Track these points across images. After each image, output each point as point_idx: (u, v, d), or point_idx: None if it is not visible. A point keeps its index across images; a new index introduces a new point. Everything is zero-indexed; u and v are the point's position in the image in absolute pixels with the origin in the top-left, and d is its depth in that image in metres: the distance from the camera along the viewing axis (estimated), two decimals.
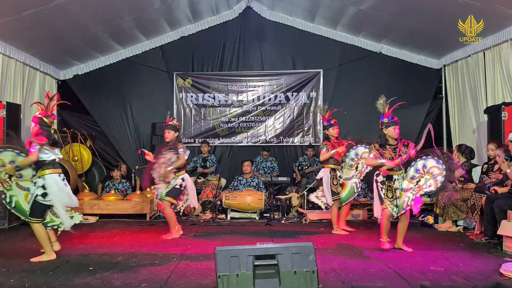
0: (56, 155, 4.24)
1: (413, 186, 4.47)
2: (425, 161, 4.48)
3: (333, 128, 5.60)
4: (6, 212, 5.85)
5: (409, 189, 4.48)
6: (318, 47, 8.72)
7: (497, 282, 3.33)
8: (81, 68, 8.69)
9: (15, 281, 3.41)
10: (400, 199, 4.50)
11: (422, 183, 4.46)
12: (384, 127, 4.57)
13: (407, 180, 4.51)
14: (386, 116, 4.57)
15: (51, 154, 4.18)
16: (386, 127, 4.55)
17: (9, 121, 6.14)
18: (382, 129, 4.60)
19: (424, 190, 4.49)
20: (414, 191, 4.47)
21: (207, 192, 7.18)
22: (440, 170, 4.40)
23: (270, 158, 8.43)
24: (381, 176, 4.58)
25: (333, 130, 5.60)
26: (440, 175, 4.40)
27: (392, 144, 4.57)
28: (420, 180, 4.48)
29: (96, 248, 4.65)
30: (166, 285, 3.31)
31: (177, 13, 8.02)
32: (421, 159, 4.52)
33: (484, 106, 6.76)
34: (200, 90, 8.90)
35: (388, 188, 4.53)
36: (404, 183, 4.52)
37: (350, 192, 5.59)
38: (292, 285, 2.96)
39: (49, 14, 6.14)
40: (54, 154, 4.21)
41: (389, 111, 4.60)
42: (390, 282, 3.38)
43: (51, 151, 4.19)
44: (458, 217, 5.69)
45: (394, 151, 4.53)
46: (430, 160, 4.47)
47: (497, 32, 6.32)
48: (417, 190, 4.47)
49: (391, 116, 4.57)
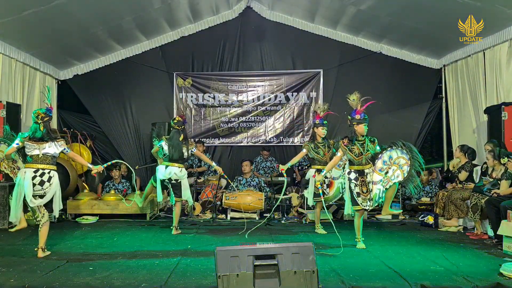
0: (41, 151, 4.25)
1: (382, 178, 4.62)
2: (390, 152, 4.68)
3: (323, 127, 5.64)
4: (6, 212, 5.85)
5: (378, 181, 4.62)
6: (318, 47, 8.72)
7: (497, 282, 3.33)
8: (81, 68, 8.69)
9: (15, 281, 3.41)
10: (373, 192, 4.63)
11: (390, 174, 4.62)
12: (355, 123, 4.64)
13: (376, 172, 4.67)
14: (359, 113, 4.63)
15: (33, 149, 4.25)
16: (358, 124, 4.63)
17: (9, 121, 6.14)
18: (353, 125, 4.67)
19: (393, 181, 4.62)
20: (384, 183, 4.61)
21: (207, 192, 7.18)
22: (405, 160, 4.58)
23: (270, 158, 8.43)
24: (353, 173, 4.67)
25: (322, 129, 5.64)
26: (405, 165, 4.58)
27: (360, 140, 4.66)
28: (388, 172, 4.64)
29: (96, 248, 4.66)
30: (166, 285, 3.31)
31: (177, 13, 8.01)
32: (386, 150, 4.71)
33: (484, 106, 6.76)
34: (200, 90, 8.90)
35: (362, 183, 4.62)
36: (374, 176, 4.66)
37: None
38: (292, 285, 2.96)
39: (49, 14, 6.14)
40: (39, 149, 4.25)
41: (361, 109, 4.66)
42: (390, 282, 3.38)
43: (35, 146, 4.25)
44: (459, 215, 5.69)
45: (362, 146, 4.63)
46: (394, 151, 4.67)
47: (497, 32, 6.33)
48: (387, 182, 4.61)
49: (363, 113, 4.64)
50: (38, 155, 4.25)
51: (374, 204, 4.66)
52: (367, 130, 4.66)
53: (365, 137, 4.66)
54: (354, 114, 4.66)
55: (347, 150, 4.65)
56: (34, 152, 4.25)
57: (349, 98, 4.72)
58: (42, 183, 4.25)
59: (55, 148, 4.33)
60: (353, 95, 4.72)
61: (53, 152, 4.32)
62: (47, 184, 4.27)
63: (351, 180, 4.67)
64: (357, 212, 4.70)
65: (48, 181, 4.28)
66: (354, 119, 4.64)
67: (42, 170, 4.26)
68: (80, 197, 6.89)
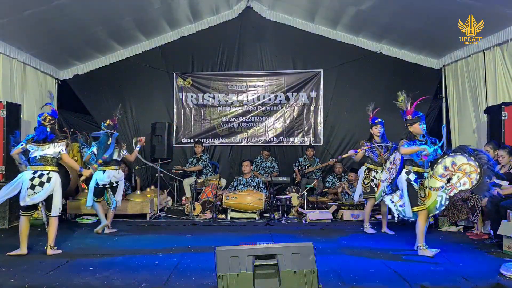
0: (40, 152, 4.30)
1: (444, 185, 4.29)
2: (454, 158, 4.30)
3: (376, 126, 5.55)
4: (6, 212, 5.86)
5: (440, 188, 4.30)
6: (318, 47, 8.72)
7: (497, 282, 3.33)
8: (81, 68, 8.69)
9: (15, 281, 3.41)
10: (429, 199, 4.33)
11: (455, 181, 4.24)
12: (408, 124, 4.41)
13: (434, 178, 4.34)
14: (409, 113, 4.41)
15: (34, 151, 4.31)
16: (411, 124, 4.39)
17: (9, 121, 6.14)
18: (407, 127, 4.43)
19: (459, 189, 4.26)
20: (447, 190, 4.28)
21: (207, 192, 7.18)
22: (474, 168, 4.19)
23: (270, 158, 8.44)
24: (413, 174, 4.35)
25: (376, 128, 5.56)
26: (474, 173, 4.18)
27: (421, 141, 4.37)
28: (452, 178, 4.26)
29: (96, 248, 4.66)
30: (166, 285, 3.31)
31: (177, 13, 8.02)
32: (448, 156, 4.35)
33: (484, 106, 6.76)
34: (200, 90, 8.91)
35: (421, 186, 4.34)
36: (432, 182, 4.35)
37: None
38: (292, 285, 2.96)
39: (49, 14, 6.14)
40: (38, 151, 4.30)
41: (411, 108, 4.43)
42: (390, 282, 3.38)
43: (36, 148, 4.30)
44: (458, 218, 5.68)
45: None
46: (459, 157, 4.29)
47: (497, 32, 6.33)
48: (451, 189, 4.27)
49: (415, 112, 4.41)
50: (36, 157, 4.30)
51: (434, 212, 4.35)
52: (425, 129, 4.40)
53: (426, 138, 4.41)
54: (405, 115, 4.45)
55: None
56: (35, 153, 4.30)
57: (398, 100, 4.50)
58: (42, 184, 4.27)
59: (54, 149, 4.35)
60: (400, 95, 4.50)
61: (52, 153, 4.35)
62: (47, 185, 4.28)
63: (411, 180, 4.33)
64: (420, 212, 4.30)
65: (48, 182, 4.29)
66: (407, 121, 4.43)
67: (41, 171, 4.29)
68: (80, 197, 6.87)
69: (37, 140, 4.32)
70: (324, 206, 7.05)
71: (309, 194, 7.53)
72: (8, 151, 5.29)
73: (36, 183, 4.24)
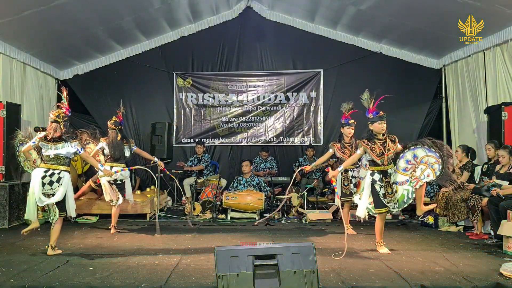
0: (53, 151, 4.29)
1: (409, 178, 4.43)
2: (414, 151, 4.47)
3: (350, 127, 5.51)
4: (6, 212, 5.86)
5: (405, 181, 4.43)
6: (318, 47, 8.73)
7: (497, 282, 3.33)
8: (81, 68, 8.70)
9: (15, 281, 3.41)
10: (398, 193, 4.44)
11: (419, 174, 4.42)
12: (369, 122, 4.49)
13: (399, 172, 4.48)
14: (371, 111, 4.50)
15: (47, 149, 4.30)
16: (372, 123, 4.47)
17: (9, 121, 6.14)
18: (368, 125, 4.52)
19: (423, 181, 4.43)
20: (412, 183, 4.42)
21: (207, 192, 7.18)
22: (435, 158, 4.37)
23: (269, 158, 8.43)
24: (377, 174, 4.45)
25: (349, 129, 5.51)
26: (436, 163, 4.37)
27: (381, 139, 4.47)
28: (416, 171, 4.43)
29: (96, 248, 4.65)
30: (166, 285, 3.31)
31: (177, 13, 8.02)
32: (409, 149, 4.50)
33: (484, 106, 6.76)
34: (200, 90, 8.91)
35: (386, 184, 4.43)
36: (397, 177, 4.47)
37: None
38: (292, 285, 2.96)
39: (49, 14, 6.14)
40: (51, 149, 4.29)
41: (373, 106, 4.52)
42: (390, 282, 3.38)
43: (49, 146, 4.29)
44: (458, 218, 5.68)
45: (383, 146, 4.43)
46: (419, 150, 4.47)
47: (497, 32, 6.33)
48: (416, 182, 4.42)
49: (376, 111, 4.49)
50: (49, 156, 4.30)
51: (402, 206, 4.45)
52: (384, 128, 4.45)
53: (385, 136, 4.48)
54: (367, 114, 4.52)
55: (368, 149, 4.41)
56: (48, 152, 4.30)
57: (362, 98, 4.57)
58: (51, 183, 4.28)
59: (68, 149, 4.34)
60: (364, 94, 4.57)
61: (65, 153, 4.34)
62: (56, 185, 4.29)
63: (376, 181, 4.43)
64: (380, 215, 4.45)
65: (58, 182, 4.29)
66: (368, 119, 4.50)
67: (53, 170, 4.30)
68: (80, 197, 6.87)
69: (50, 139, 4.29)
70: (324, 206, 7.05)
71: (309, 194, 7.53)
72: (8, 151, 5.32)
73: (47, 181, 4.26)
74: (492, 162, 5.64)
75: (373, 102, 4.52)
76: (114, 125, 5.60)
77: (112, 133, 5.56)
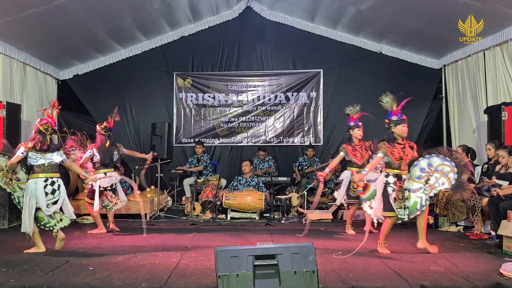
0: (46, 160, 4.36)
1: (423, 186, 4.37)
2: (429, 160, 4.39)
3: (359, 129, 5.50)
4: (6, 212, 5.86)
5: (418, 189, 4.37)
6: (318, 47, 8.72)
7: (497, 282, 3.33)
8: (81, 68, 8.69)
9: (15, 281, 3.41)
10: (410, 201, 4.37)
11: (433, 182, 4.34)
12: (393, 125, 4.40)
13: (412, 180, 4.41)
14: (395, 114, 4.41)
15: (39, 159, 4.34)
16: (396, 125, 4.38)
17: (9, 121, 6.14)
18: (390, 127, 4.42)
19: (438, 189, 4.38)
20: (425, 191, 4.36)
21: (207, 192, 7.18)
22: (450, 167, 4.30)
23: (267, 158, 8.42)
24: (392, 177, 4.37)
25: (358, 131, 5.50)
26: (451, 172, 4.29)
27: (401, 143, 4.40)
28: (430, 179, 4.36)
29: (96, 248, 4.65)
30: (166, 285, 3.31)
31: (177, 13, 8.02)
32: (424, 157, 4.42)
33: (484, 106, 6.76)
34: (200, 90, 8.91)
35: (399, 189, 4.36)
36: (410, 184, 4.41)
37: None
38: (292, 285, 2.96)
39: (49, 14, 6.14)
40: (44, 159, 4.35)
41: (397, 109, 4.44)
42: (390, 282, 3.38)
43: (40, 156, 4.34)
44: (458, 218, 5.68)
45: (403, 150, 4.36)
46: (434, 158, 4.38)
47: (497, 32, 6.32)
48: (429, 190, 4.36)
49: (400, 113, 4.42)
50: (44, 164, 4.36)
51: (414, 213, 4.38)
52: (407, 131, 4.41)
53: (404, 141, 4.42)
54: (390, 116, 4.43)
55: (388, 152, 4.33)
56: (39, 161, 4.35)
57: (382, 101, 4.50)
58: (54, 192, 4.38)
59: (57, 157, 4.47)
60: (386, 96, 4.49)
61: (57, 161, 4.48)
62: (58, 192, 4.41)
63: (389, 183, 4.36)
64: (389, 218, 4.38)
65: (58, 189, 4.42)
66: (391, 121, 4.42)
67: (51, 178, 4.39)
68: (80, 197, 6.87)
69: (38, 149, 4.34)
70: (324, 206, 7.05)
71: (309, 194, 7.53)
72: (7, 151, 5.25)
73: (49, 190, 4.35)
74: (492, 162, 5.64)
75: (397, 105, 4.45)
76: (103, 131, 5.55)
77: (101, 138, 5.52)
